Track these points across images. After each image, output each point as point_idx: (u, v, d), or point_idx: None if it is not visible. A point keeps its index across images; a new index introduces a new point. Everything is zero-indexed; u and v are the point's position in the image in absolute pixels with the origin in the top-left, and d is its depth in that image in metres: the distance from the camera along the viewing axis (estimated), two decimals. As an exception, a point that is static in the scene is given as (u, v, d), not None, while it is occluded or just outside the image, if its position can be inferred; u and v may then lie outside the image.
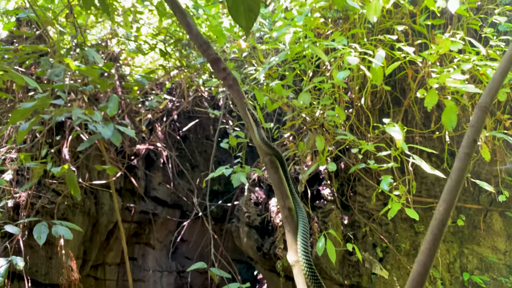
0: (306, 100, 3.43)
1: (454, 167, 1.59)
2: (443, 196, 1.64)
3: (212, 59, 2.24)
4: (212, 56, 2.24)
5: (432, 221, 1.65)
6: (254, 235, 4.67)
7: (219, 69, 2.25)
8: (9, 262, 3.19)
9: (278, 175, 2.33)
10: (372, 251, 4.28)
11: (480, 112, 1.60)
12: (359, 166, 3.47)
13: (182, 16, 2.23)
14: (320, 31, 3.99)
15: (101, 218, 5.47)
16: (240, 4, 1.23)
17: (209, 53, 2.25)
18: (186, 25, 2.24)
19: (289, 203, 2.29)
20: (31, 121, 2.71)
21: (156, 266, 7.03)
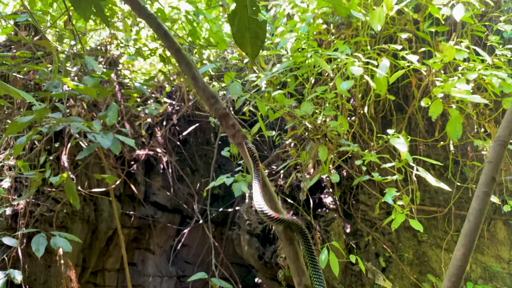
0: (309, 110, 3.38)
1: (472, 207, 1.48)
2: (460, 240, 1.53)
3: (221, 114, 2.07)
4: (220, 111, 2.07)
5: (450, 268, 1.50)
6: (255, 243, 4.62)
7: (227, 125, 2.07)
8: (6, 276, 3.14)
9: (293, 249, 1.96)
10: (375, 260, 4.23)
11: (498, 147, 1.51)
12: (363, 178, 3.42)
13: (188, 67, 2.10)
14: (323, 37, 3.93)
15: (101, 224, 5.41)
16: (246, 31, 1.17)
17: (217, 107, 2.07)
18: (192, 77, 2.10)
19: (306, 280, 1.92)
20: (29, 134, 2.66)
21: (156, 271, 6.97)
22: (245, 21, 1.16)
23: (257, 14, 1.16)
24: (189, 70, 2.11)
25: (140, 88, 3.73)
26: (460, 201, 4.40)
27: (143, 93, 3.70)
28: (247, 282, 7.01)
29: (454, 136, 3.29)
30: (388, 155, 3.85)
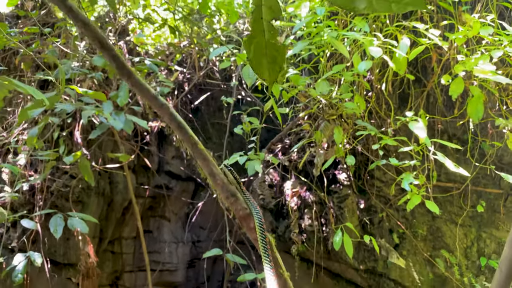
0: (324, 90, 3.27)
1: (504, 255, 1.37)
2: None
3: (241, 215, 1.95)
4: (240, 213, 1.95)
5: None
6: (269, 218, 4.65)
7: (249, 228, 1.97)
8: (27, 258, 3.22)
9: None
10: (389, 236, 4.24)
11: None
12: (379, 163, 3.35)
13: (205, 163, 1.94)
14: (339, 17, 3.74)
15: (116, 196, 5.50)
16: (263, 56, 1.09)
17: (237, 208, 1.95)
18: (209, 173, 1.96)
19: None
20: (40, 125, 2.62)
21: (171, 237, 7.14)
22: (262, 46, 1.08)
23: (275, 38, 1.08)
24: (207, 165, 1.96)
25: (150, 66, 3.64)
26: (477, 176, 4.33)
27: (154, 71, 3.61)
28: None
29: (475, 117, 3.18)
30: (405, 133, 3.76)
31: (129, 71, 1.65)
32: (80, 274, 4.10)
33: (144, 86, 1.75)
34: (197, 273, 7.82)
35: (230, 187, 1.94)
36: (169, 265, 6.99)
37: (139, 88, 1.74)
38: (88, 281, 4.04)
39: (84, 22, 1.56)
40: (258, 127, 4.14)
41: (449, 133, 4.43)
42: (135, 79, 1.69)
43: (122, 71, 1.64)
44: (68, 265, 4.90)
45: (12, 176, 4.72)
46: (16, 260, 3.18)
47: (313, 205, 4.34)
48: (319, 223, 4.26)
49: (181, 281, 7.33)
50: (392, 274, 4.14)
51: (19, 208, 4.73)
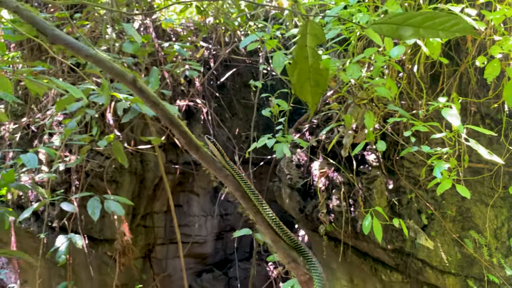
0: (355, 74, 3.23)
1: None
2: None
3: (302, 280, 1.83)
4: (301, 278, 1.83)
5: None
6: (296, 197, 4.72)
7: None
8: (68, 240, 3.40)
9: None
10: (417, 217, 4.25)
11: None
12: (411, 150, 3.33)
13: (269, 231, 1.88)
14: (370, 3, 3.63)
15: (147, 174, 5.66)
16: (306, 80, 1.10)
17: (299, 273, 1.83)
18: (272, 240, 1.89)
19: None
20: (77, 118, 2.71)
21: (200, 211, 7.34)
22: (306, 71, 1.09)
23: (318, 63, 1.08)
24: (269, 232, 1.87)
25: (179, 51, 3.66)
26: (510, 157, 4.25)
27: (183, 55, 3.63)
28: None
29: (511, 101, 3.10)
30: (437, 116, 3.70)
31: (197, 145, 1.72)
32: (117, 252, 4.30)
33: (211, 159, 1.78)
34: (225, 244, 8.08)
35: (291, 253, 1.86)
36: (199, 237, 7.22)
37: (207, 160, 1.77)
38: (125, 258, 4.25)
39: (155, 102, 1.63)
40: (286, 109, 4.15)
41: (482, 113, 4.33)
42: (202, 152, 1.75)
43: (190, 145, 1.70)
44: (104, 241, 5.14)
45: (49, 157, 4.91)
46: (59, 242, 3.36)
47: (341, 186, 4.37)
48: (347, 204, 4.30)
49: (210, 252, 7.59)
50: (419, 254, 4.18)
51: (56, 187, 4.94)
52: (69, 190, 4.90)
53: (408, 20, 0.95)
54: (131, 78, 1.52)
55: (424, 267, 4.20)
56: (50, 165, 4.89)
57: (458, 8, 2.99)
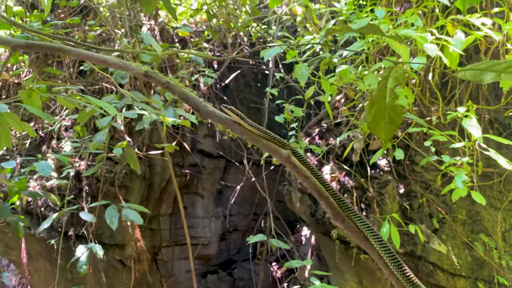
0: (373, 83, 3.26)
1: None
2: None
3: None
4: None
5: None
6: (307, 201, 4.76)
7: None
8: (88, 250, 3.40)
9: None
10: (428, 221, 4.32)
11: None
12: (430, 159, 3.38)
13: None
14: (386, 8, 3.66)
15: (155, 178, 5.65)
16: (382, 118, 1.13)
17: None
18: None
19: None
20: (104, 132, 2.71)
21: (204, 213, 7.36)
22: (382, 109, 1.12)
23: (395, 101, 1.11)
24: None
25: (196, 59, 3.65)
26: (518, 161, 4.33)
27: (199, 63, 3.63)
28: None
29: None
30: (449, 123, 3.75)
31: (342, 217, 1.61)
32: (131, 258, 4.30)
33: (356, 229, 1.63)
34: (228, 245, 8.11)
35: None
36: (203, 239, 7.24)
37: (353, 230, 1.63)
38: (140, 265, 4.25)
39: (306, 176, 1.60)
40: (299, 115, 4.17)
41: (491, 117, 4.40)
42: (348, 222, 1.63)
43: (337, 217, 1.62)
44: (115, 246, 5.14)
45: (58, 163, 4.88)
46: (79, 252, 3.35)
47: (352, 191, 4.41)
48: (359, 208, 4.35)
49: (214, 254, 7.62)
50: (431, 258, 4.24)
51: (65, 193, 4.92)
52: (79, 196, 4.89)
53: (491, 67, 0.98)
54: (286, 154, 1.53)
55: (435, 270, 4.27)
56: (59, 171, 4.86)
57: (478, 20, 3.03)
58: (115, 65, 1.91)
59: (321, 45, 3.88)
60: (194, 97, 1.62)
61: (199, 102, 1.63)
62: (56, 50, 1.66)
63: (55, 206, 4.96)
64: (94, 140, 2.77)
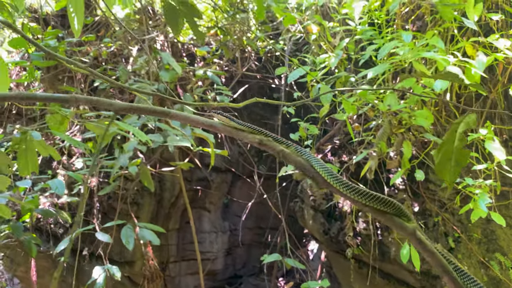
0: (393, 103, 3.26)
1: None
2: None
3: None
4: None
5: None
6: (320, 219, 4.72)
7: None
8: (105, 271, 3.35)
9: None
10: (444, 240, 4.29)
11: None
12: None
13: None
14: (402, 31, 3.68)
15: (165, 193, 5.62)
16: (448, 160, 1.11)
17: None
18: None
19: None
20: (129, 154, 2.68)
21: (211, 227, 7.30)
22: (450, 152, 1.10)
23: (463, 144, 1.09)
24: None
25: (212, 77, 3.65)
26: (533, 180, 4.32)
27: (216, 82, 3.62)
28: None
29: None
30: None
31: None
32: (145, 278, 4.24)
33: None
34: (234, 260, 8.04)
35: None
36: (210, 254, 7.18)
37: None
38: (153, 284, 4.20)
39: (432, 252, 1.59)
40: (315, 133, 4.16)
41: (506, 136, 4.40)
42: None
43: None
44: (124, 263, 5.08)
45: (69, 179, 4.84)
46: (96, 273, 3.31)
47: (367, 209, 4.38)
48: (373, 227, 4.32)
49: (220, 269, 7.55)
50: (447, 277, 4.20)
51: (76, 210, 4.87)
52: (90, 212, 4.84)
53: None
54: (412, 229, 1.50)
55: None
56: (70, 187, 4.82)
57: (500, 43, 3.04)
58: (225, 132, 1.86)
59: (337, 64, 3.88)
60: (311, 168, 1.59)
61: (318, 175, 1.59)
62: (162, 115, 1.64)
63: (65, 223, 4.91)
64: (119, 162, 2.75)
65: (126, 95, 4.82)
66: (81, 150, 4.98)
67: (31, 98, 1.64)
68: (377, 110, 3.59)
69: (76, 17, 2.19)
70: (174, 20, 2.27)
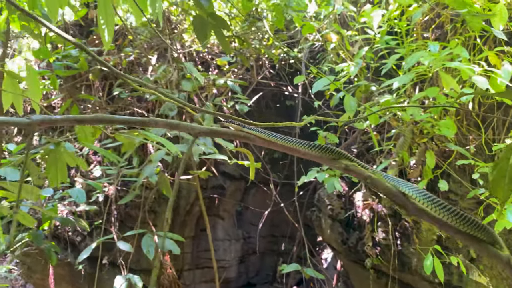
0: (416, 113, 3.24)
1: None
2: None
3: None
4: None
5: None
6: (338, 228, 4.69)
7: None
8: (127, 280, 3.35)
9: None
10: (465, 251, 4.24)
11: None
12: (478, 192, 3.32)
13: None
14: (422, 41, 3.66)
15: (181, 201, 5.62)
16: (502, 178, 1.10)
17: None
18: None
19: None
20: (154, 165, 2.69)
21: (225, 235, 7.29)
22: (504, 170, 1.09)
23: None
24: None
25: (233, 87, 3.66)
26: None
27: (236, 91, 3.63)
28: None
29: None
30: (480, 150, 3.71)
31: None
32: (163, 287, 4.24)
33: None
34: (247, 267, 8.01)
35: None
36: (224, 262, 7.16)
37: None
38: (171, 294, 4.19)
39: None
40: (334, 142, 4.14)
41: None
42: None
43: None
44: (140, 271, 5.08)
45: (87, 186, 4.87)
46: (117, 283, 3.31)
47: (386, 218, 4.35)
48: (393, 237, 4.28)
49: (234, 277, 7.52)
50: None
51: (94, 218, 4.89)
52: (107, 220, 4.85)
53: None
54: (507, 258, 1.42)
55: (473, 301, 4.17)
56: (88, 195, 4.84)
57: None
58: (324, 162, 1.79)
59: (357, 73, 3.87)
60: (399, 194, 1.50)
61: (408, 201, 1.49)
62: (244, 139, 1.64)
63: (83, 231, 4.93)
64: (145, 173, 2.75)
65: (144, 103, 4.85)
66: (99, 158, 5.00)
67: (113, 121, 1.65)
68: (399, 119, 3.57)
69: (106, 29, 2.20)
70: (203, 32, 2.28)
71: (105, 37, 2.25)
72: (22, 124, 1.38)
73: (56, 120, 1.44)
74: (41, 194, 3.79)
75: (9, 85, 2.12)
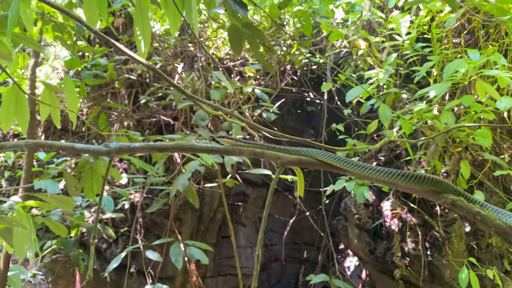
0: (450, 121, 3.15)
1: None
2: None
3: None
4: None
5: None
6: (366, 238, 4.61)
7: None
8: None
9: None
10: (499, 263, 4.11)
11: None
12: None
13: None
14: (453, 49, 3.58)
15: (204, 208, 5.61)
16: None
17: None
18: None
19: None
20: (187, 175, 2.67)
21: (246, 242, 7.25)
22: None
23: None
24: None
25: (261, 95, 3.63)
26: None
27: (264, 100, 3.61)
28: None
29: None
30: None
31: None
32: (190, 295, 4.22)
33: None
34: (269, 275, 7.95)
35: None
36: (245, 269, 7.10)
37: None
38: (198, 302, 4.17)
39: None
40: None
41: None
42: None
43: None
44: (165, 278, 5.07)
45: (113, 194, 4.89)
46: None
47: (416, 228, 4.25)
48: (423, 248, 4.18)
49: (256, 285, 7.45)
50: (501, 301, 4.02)
51: (120, 225, 4.91)
52: (134, 227, 4.86)
53: None
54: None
55: (507, 315, 4.04)
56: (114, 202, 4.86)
57: None
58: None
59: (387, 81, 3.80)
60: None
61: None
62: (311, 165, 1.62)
63: (108, 238, 4.95)
64: (177, 183, 2.75)
65: (170, 111, 4.86)
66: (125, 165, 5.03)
67: (195, 150, 1.67)
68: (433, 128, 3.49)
69: (143, 40, 2.20)
70: (237, 42, 2.26)
71: (141, 48, 2.25)
72: (101, 153, 1.40)
73: (135, 148, 1.44)
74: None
75: (47, 97, 2.13)
